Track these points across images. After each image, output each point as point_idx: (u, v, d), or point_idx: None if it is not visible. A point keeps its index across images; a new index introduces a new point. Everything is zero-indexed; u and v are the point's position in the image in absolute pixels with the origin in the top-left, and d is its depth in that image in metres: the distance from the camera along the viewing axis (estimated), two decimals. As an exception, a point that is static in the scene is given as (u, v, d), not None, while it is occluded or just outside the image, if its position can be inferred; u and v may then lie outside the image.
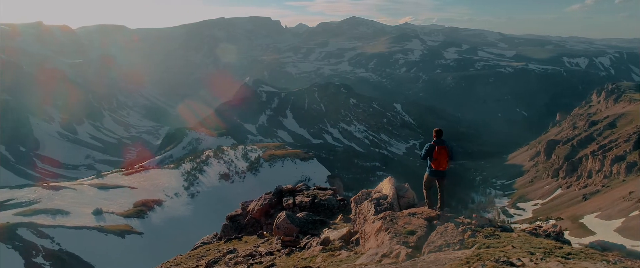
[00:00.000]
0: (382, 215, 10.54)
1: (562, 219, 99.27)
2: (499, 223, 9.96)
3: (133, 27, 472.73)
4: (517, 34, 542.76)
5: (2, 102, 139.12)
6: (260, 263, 10.73)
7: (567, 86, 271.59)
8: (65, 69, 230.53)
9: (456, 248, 7.98)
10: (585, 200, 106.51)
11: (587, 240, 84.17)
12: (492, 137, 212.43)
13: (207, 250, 14.27)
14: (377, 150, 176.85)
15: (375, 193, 12.75)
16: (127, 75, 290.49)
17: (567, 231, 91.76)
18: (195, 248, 15.11)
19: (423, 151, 10.80)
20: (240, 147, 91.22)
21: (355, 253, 9.87)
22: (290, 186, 16.45)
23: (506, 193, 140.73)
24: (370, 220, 10.81)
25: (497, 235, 8.79)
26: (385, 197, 12.27)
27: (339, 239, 11.02)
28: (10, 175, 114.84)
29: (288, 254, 11.27)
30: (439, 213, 10.42)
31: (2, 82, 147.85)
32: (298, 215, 13.94)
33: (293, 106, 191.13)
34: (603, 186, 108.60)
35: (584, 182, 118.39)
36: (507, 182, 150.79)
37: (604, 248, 10.47)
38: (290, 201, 15.03)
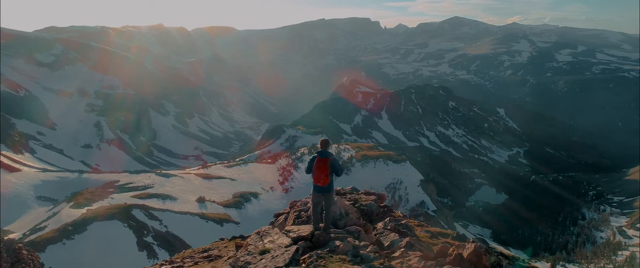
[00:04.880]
0: (259, 230, 10.13)
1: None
2: (361, 252, 8.78)
3: (240, 28, 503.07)
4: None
5: (127, 95, 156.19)
6: (197, 263, 10.79)
7: None
8: (181, 67, 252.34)
9: None
10: None
11: None
12: (609, 148, 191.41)
13: (215, 245, 14.53)
14: (476, 156, 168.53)
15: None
16: (234, 73, 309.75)
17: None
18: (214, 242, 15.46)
19: (307, 164, 9.90)
20: (334, 146, 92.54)
21: None
22: (340, 188, 16.24)
23: (624, 211, 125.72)
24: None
25: (324, 265, 8.00)
26: (307, 209, 11.53)
27: None
28: (131, 161, 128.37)
29: (211, 260, 11.17)
30: (317, 232, 9.49)
31: (128, 78, 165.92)
32: None
33: (389, 107, 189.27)
34: None
35: None
36: (626, 200, 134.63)
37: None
38: None
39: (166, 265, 8.87)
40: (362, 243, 9.24)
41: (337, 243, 9.09)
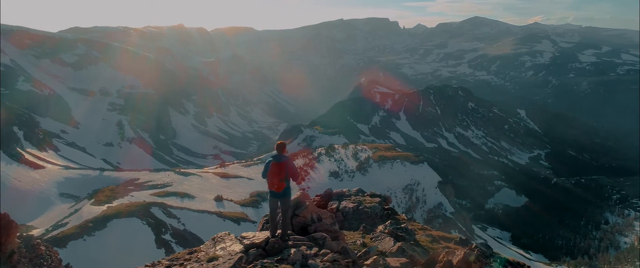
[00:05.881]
0: (215, 235, 9.89)
1: None
2: (310, 262, 8.41)
3: (259, 28, 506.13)
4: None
5: (148, 95, 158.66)
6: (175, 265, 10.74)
7: None
8: (200, 67, 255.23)
9: None
10: None
11: None
12: (634, 151, 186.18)
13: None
14: (496, 158, 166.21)
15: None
16: (252, 73, 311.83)
17: None
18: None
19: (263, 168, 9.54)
20: (351, 146, 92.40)
21: None
22: (346, 190, 16.04)
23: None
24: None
25: None
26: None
27: None
28: (151, 159, 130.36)
29: (181, 264, 11.04)
30: (272, 239, 9.11)
31: (148, 78, 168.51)
32: None
33: (407, 107, 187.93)
34: None
35: None
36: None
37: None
38: (335, 206, 14.52)
39: (149, 267, 8.97)
40: (322, 252, 8.86)
41: (292, 251, 8.76)
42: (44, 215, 53.30)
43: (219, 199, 58.01)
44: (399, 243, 9.87)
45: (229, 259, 8.45)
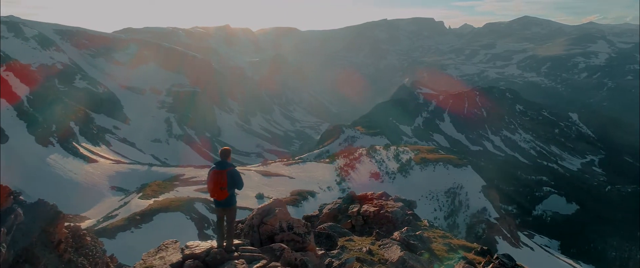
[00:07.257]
0: (162, 243, 9.51)
1: None
2: None
3: (303, 29, 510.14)
4: None
5: (195, 94, 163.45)
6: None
7: None
8: (245, 67, 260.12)
9: None
10: None
11: None
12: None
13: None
14: (545, 163, 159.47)
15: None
16: (295, 73, 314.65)
17: None
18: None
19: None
20: (393, 148, 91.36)
21: None
22: (371, 193, 15.61)
23: None
24: None
25: None
26: (244, 221, 10.41)
27: None
28: (196, 156, 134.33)
29: None
30: (213, 250, 8.51)
31: (195, 77, 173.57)
32: (319, 227, 12.37)
33: (451, 109, 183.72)
34: None
35: None
36: None
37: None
38: (356, 209, 14.12)
39: None
40: (271, 264, 8.29)
41: (233, 263, 8.08)
42: (95, 207, 56.05)
43: (260, 196, 58.91)
44: (400, 253, 9.53)
45: None
